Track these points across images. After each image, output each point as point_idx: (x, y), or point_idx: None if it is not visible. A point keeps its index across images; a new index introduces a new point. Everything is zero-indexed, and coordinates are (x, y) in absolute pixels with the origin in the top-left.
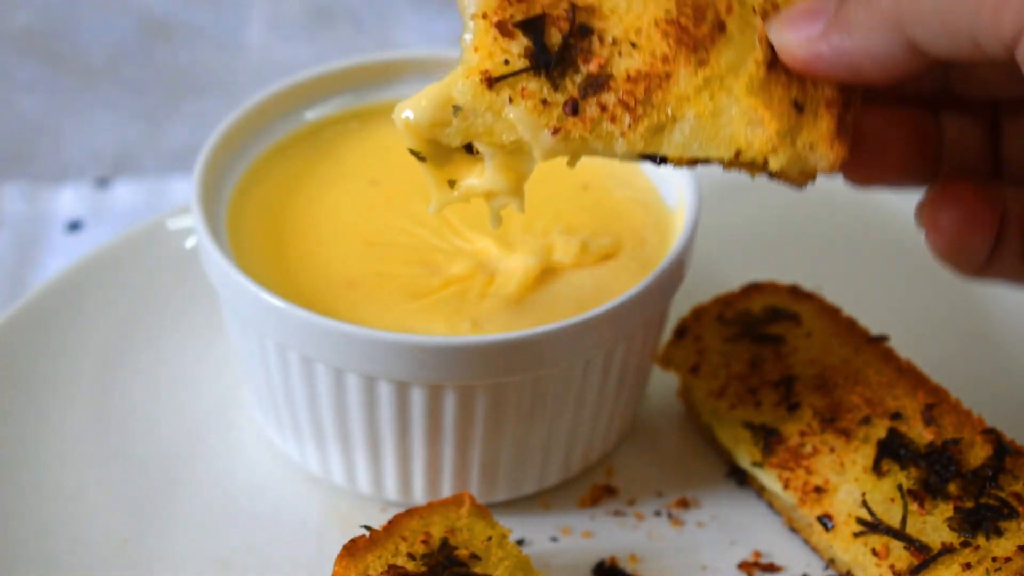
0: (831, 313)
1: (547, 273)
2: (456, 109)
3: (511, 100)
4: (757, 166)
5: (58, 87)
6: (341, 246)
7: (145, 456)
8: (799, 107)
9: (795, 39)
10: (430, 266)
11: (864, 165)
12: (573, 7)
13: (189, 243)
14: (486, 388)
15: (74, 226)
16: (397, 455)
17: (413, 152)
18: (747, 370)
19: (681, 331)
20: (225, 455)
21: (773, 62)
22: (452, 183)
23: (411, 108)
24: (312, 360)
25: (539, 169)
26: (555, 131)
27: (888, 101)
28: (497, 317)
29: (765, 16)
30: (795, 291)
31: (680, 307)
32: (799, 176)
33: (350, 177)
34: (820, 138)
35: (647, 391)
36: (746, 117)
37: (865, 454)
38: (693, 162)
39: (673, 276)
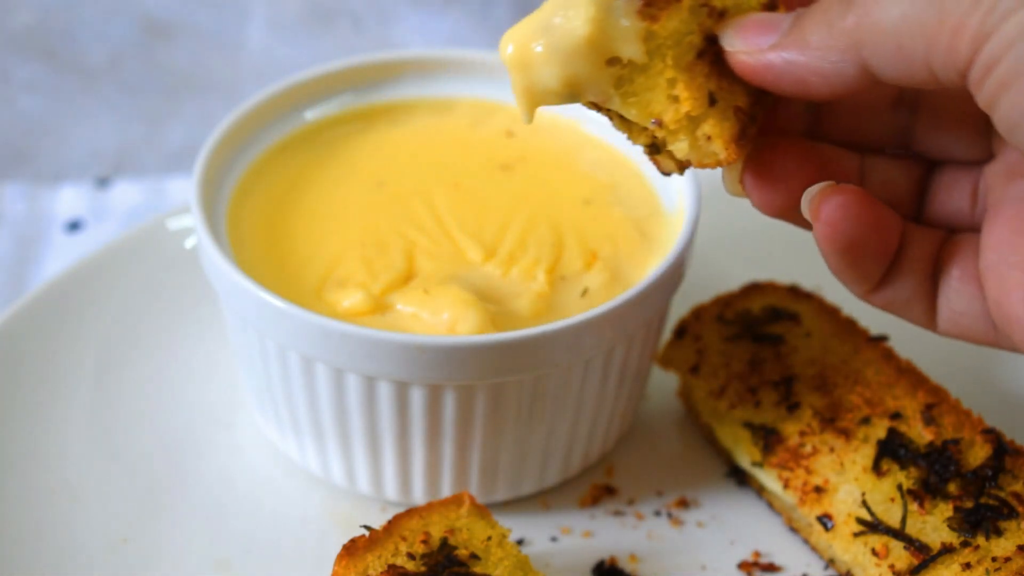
0: (831, 313)
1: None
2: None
3: None
4: (657, 146)
5: (58, 87)
6: (341, 246)
7: (145, 455)
8: (712, 100)
9: (746, 46)
10: (422, 272)
11: (768, 192)
12: None
13: (189, 243)
14: (486, 388)
15: (74, 226)
16: (397, 455)
17: None
18: (747, 370)
19: (681, 331)
20: (225, 455)
21: (703, 52)
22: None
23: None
24: (312, 360)
25: (541, 180)
26: None
27: (800, 136)
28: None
29: (712, 13)
30: (795, 291)
31: (680, 307)
32: (680, 162)
33: (351, 177)
34: (719, 135)
35: (647, 391)
36: (668, 89)
37: (865, 454)
38: (609, 114)
39: (673, 276)
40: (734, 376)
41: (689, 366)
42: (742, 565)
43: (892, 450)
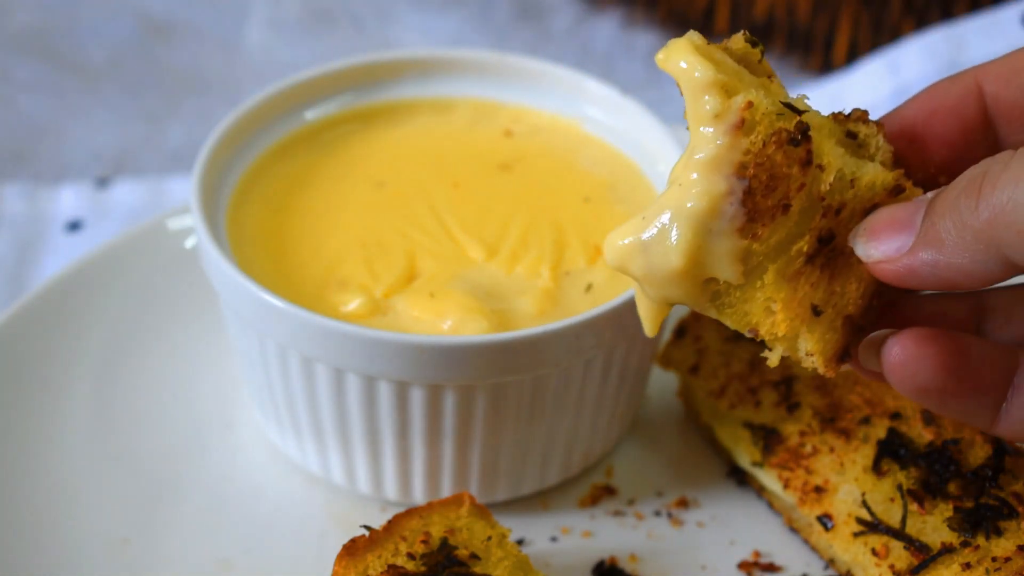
0: None
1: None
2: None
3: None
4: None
5: (58, 87)
6: (341, 246)
7: (145, 456)
8: (816, 312)
9: (882, 254)
10: (425, 273)
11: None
12: None
13: (189, 243)
14: (486, 388)
15: (74, 226)
16: (397, 455)
17: None
18: (747, 370)
19: (681, 331)
20: (225, 455)
21: (813, 256)
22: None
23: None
24: (312, 360)
25: (540, 179)
26: None
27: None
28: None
29: (828, 211)
30: None
31: (680, 307)
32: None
33: (351, 177)
34: (820, 352)
35: (647, 391)
36: (767, 302)
37: (865, 454)
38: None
39: None
40: (734, 376)
41: (689, 366)
42: (742, 565)
43: (892, 450)
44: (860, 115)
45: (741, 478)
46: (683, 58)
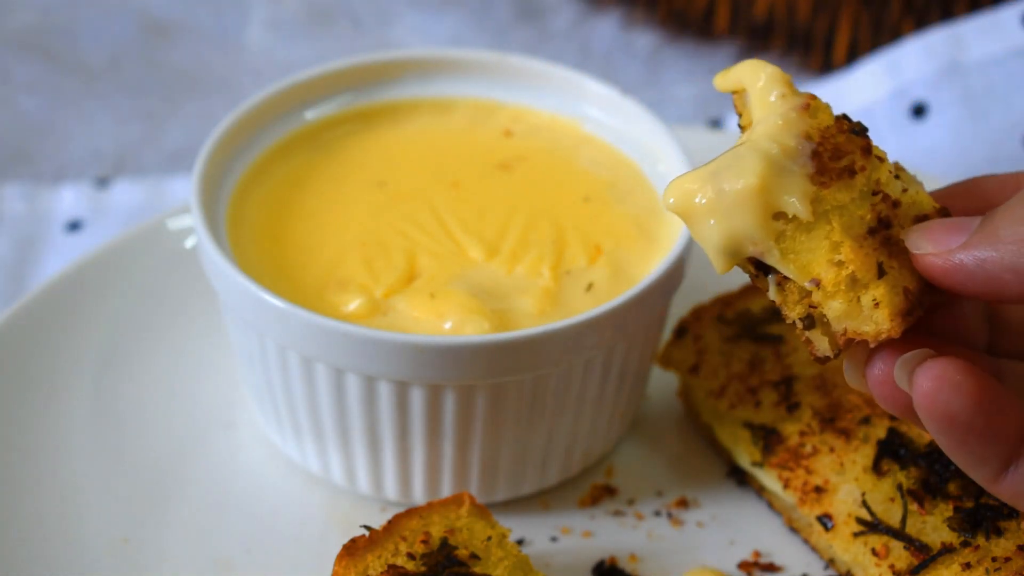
0: None
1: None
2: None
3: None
4: (812, 318)
5: (58, 87)
6: (341, 246)
7: (145, 456)
8: (881, 271)
9: (934, 247)
10: (425, 273)
11: (893, 387)
12: None
13: (189, 243)
14: (486, 388)
15: (74, 226)
16: (397, 455)
17: None
18: (747, 370)
19: (681, 331)
20: (225, 455)
21: (874, 230)
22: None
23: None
24: (312, 360)
25: (540, 179)
26: None
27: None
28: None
29: (887, 199)
30: None
31: (680, 307)
32: (835, 337)
33: (351, 177)
34: (887, 303)
35: (647, 391)
36: (832, 252)
37: (865, 454)
38: (760, 269)
39: (674, 275)
40: (734, 376)
41: (689, 366)
42: (742, 565)
43: (892, 450)
44: (897, 164)
45: (741, 478)
46: (745, 65)
